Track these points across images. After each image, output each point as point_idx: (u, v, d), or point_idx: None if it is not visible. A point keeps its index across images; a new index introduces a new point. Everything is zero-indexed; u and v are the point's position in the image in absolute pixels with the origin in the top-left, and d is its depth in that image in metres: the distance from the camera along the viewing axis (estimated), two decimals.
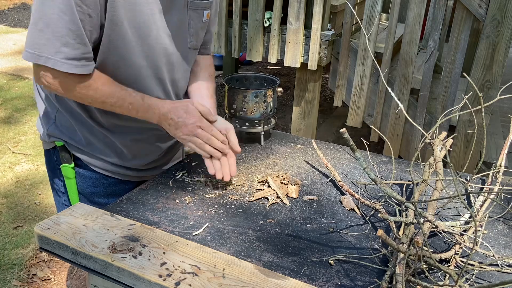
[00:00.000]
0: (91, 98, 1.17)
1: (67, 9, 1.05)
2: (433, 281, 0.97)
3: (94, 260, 0.98)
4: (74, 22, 1.07)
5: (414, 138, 2.81)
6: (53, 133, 1.31)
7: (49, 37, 1.06)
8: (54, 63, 1.08)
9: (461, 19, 2.50)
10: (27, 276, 2.35)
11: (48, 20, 1.05)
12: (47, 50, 1.08)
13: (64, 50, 1.08)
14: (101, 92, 1.17)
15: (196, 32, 1.34)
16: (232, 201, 1.26)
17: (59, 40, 1.07)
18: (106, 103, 1.19)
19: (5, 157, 3.47)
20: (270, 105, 1.57)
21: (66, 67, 1.09)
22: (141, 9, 1.16)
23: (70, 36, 1.07)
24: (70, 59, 1.09)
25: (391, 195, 1.06)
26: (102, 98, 1.18)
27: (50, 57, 1.08)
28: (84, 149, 1.31)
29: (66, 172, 1.34)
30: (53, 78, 1.12)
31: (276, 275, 0.96)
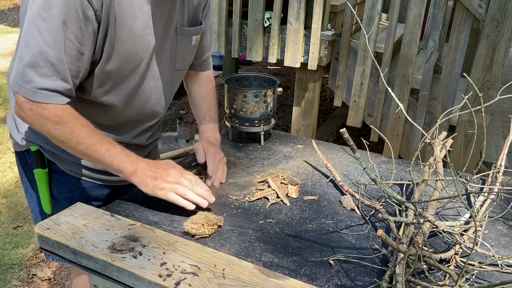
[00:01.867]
0: (65, 136, 1.12)
1: (53, 43, 1.04)
2: (433, 281, 0.97)
3: (94, 260, 0.98)
4: (58, 57, 1.06)
5: (414, 138, 2.81)
6: (28, 137, 1.28)
7: (26, 65, 1.05)
8: (25, 92, 1.06)
9: (461, 19, 2.50)
10: (27, 276, 2.35)
11: (29, 50, 1.05)
12: (22, 78, 1.06)
13: (37, 80, 1.06)
14: (78, 132, 1.12)
15: (183, 56, 1.36)
16: (232, 201, 1.26)
17: (35, 70, 1.05)
18: (82, 144, 1.12)
19: (5, 157, 3.47)
20: (270, 105, 1.57)
21: (38, 97, 1.07)
22: (137, 42, 1.17)
23: (48, 69, 1.06)
24: (42, 89, 1.07)
25: (391, 195, 1.06)
26: (77, 138, 1.12)
27: (23, 85, 1.06)
28: (60, 154, 1.29)
29: (39, 176, 1.32)
30: (29, 109, 1.09)
31: (276, 275, 0.96)
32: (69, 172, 1.32)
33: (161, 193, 1.15)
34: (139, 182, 1.16)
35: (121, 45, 1.14)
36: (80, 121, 1.13)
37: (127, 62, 1.18)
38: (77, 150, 1.14)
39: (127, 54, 1.17)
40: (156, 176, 1.16)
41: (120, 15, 1.11)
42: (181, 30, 1.31)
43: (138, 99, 1.29)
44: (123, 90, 1.24)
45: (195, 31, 1.35)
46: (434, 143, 1.33)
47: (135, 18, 1.14)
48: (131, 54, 1.18)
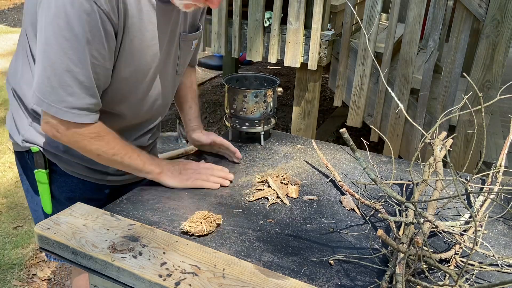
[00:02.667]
0: (102, 150, 1.19)
1: (80, 61, 1.06)
2: (433, 281, 0.97)
3: (94, 260, 0.98)
4: (85, 74, 1.08)
5: (414, 138, 2.81)
6: (29, 138, 1.29)
7: (55, 85, 1.07)
8: (56, 111, 1.09)
9: (461, 19, 2.50)
10: (27, 276, 2.35)
11: (56, 69, 1.06)
12: (50, 98, 1.08)
13: (68, 100, 1.09)
14: (113, 144, 1.20)
15: (184, 61, 1.40)
16: (232, 201, 1.26)
17: (64, 90, 1.07)
18: (118, 155, 1.21)
19: (5, 157, 3.47)
20: (270, 105, 1.57)
21: (69, 116, 1.10)
22: (146, 52, 1.19)
23: (77, 87, 1.08)
24: (73, 108, 1.10)
25: (391, 195, 1.06)
26: (113, 150, 1.20)
27: (53, 105, 1.08)
28: (61, 155, 1.30)
29: (40, 177, 1.32)
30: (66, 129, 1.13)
31: (276, 275, 0.96)
32: (70, 172, 1.33)
33: (189, 183, 1.31)
34: (168, 179, 1.30)
35: (132, 56, 1.16)
36: (112, 134, 1.21)
37: (137, 72, 1.21)
38: (112, 160, 1.22)
39: (137, 65, 1.19)
40: (180, 171, 1.32)
41: (132, 28, 1.12)
42: (184, 37, 1.33)
43: (144, 106, 1.31)
44: (131, 99, 1.26)
45: (195, 37, 1.38)
46: (434, 143, 1.33)
47: (144, 30, 1.15)
48: (141, 65, 1.20)
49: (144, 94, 1.27)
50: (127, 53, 1.15)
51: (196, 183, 1.31)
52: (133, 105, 1.28)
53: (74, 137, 1.15)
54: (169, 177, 1.30)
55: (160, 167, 1.29)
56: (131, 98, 1.26)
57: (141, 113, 1.32)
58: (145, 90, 1.27)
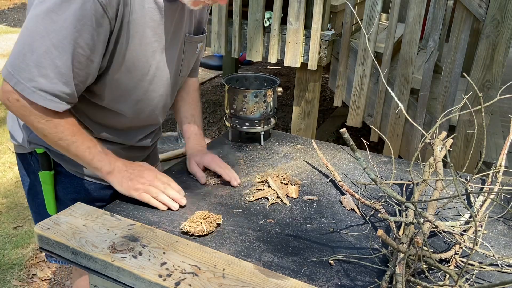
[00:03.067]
0: (48, 131, 1.13)
1: (61, 46, 1.03)
2: (433, 281, 0.97)
3: (94, 260, 0.98)
4: (64, 61, 1.05)
5: (414, 138, 2.81)
6: (34, 140, 1.28)
7: (29, 63, 1.04)
8: (23, 89, 1.06)
9: (461, 19, 2.50)
10: (27, 276, 2.35)
11: (35, 48, 1.03)
12: (22, 75, 1.05)
13: (39, 81, 1.05)
14: (62, 128, 1.13)
15: (188, 63, 1.40)
16: (232, 201, 1.26)
17: (38, 70, 1.05)
18: (64, 140, 1.14)
19: (5, 157, 3.47)
20: (270, 105, 1.57)
21: (35, 98, 1.06)
22: (145, 49, 1.18)
23: (52, 71, 1.05)
24: (41, 91, 1.06)
25: (391, 195, 1.06)
26: (60, 134, 1.13)
27: (22, 82, 1.05)
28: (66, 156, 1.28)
29: (45, 179, 1.31)
30: (16, 100, 1.08)
31: (276, 275, 0.96)
32: (74, 173, 1.33)
33: (135, 194, 1.19)
34: (115, 182, 1.20)
35: (132, 52, 1.16)
36: (66, 120, 1.14)
37: (136, 69, 1.20)
38: (58, 145, 1.16)
39: (136, 61, 1.18)
40: (131, 177, 1.20)
41: (133, 24, 1.12)
42: (189, 38, 1.33)
43: (147, 106, 1.31)
44: (132, 97, 1.25)
45: (200, 39, 1.38)
46: (434, 143, 1.33)
47: (146, 26, 1.15)
48: (140, 61, 1.19)
49: (145, 92, 1.27)
50: (127, 50, 1.14)
51: (143, 197, 1.19)
52: (135, 104, 1.28)
53: (23, 110, 1.10)
54: (117, 179, 1.20)
55: (112, 166, 1.20)
56: (132, 96, 1.25)
57: (143, 112, 1.32)
58: (146, 89, 1.26)
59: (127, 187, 1.19)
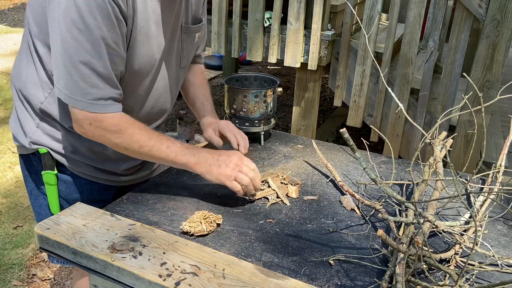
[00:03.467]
0: (126, 143, 1.17)
1: (96, 52, 1.07)
2: (433, 281, 0.97)
3: (94, 260, 0.98)
4: (103, 65, 1.09)
5: (414, 138, 2.81)
6: (36, 140, 1.28)
7: (76, 79, 1.08)
8: (83, 105, 1.10)
9: (461, 19, 2.50)
10: (27, 276, 2.35)
11: (74, 64, 1.07)
12: (75, 92, 1.09)
13: (92, 92, 1.10)
14: (138, 136, 1.17)
15: (188, 54, 1.40)
16: (232, 201, 1.26)
17: (86, 82, 1.09)
18: (144, 147, 1.17)
19: (5, 157, 3.47)
20: (270, 105, 1.57)
21: (95, 108, 1.11)
22: (151, 43, 1.19)
23: (97, 78, 1.09)
24: (98, 100, 1.11)
25: (391, 195, 1.06)
26: (140, 142, 1.17)
27: (79, 99, 1.10)
28: (69, 156, 1.30)
29: (48, 179, 1.31)
30: (89, 124, 1.13)
31: (276, 275, 0.96)
32: (78, 173, 1.33)
33: (227, 181, 1.18)
34: (203, 171, 1.19)
35: (140, 47, 1.17)
36: (136, 125, 1.18)
37: (145, 64, 1.21)
38: (140, 153, 1.19)
39: (144, 56, 1.19)
40: (219, 164, 1.19)
41: (138, 18, 1.13)
42: (186, 29, 1.33)
43: (150, 99, 1.31)
44: (139, 91, 1.26)
45: (197, 29, 1.38)
46: (434, 143, 1.33)
47: (149, 20, 1.16)
48: (148, 56, 1.20)
49: (150, 86, 1.27)
50: (135, 44, 1.16)
51: (234, 185, 1.18)
52: (140, 99, 1.28)
53: (98, 132, 1.15)
54: (206, 168, 1.19)
55: (197, 157, 1.19)
56: (138, 91, 1.26)
57: (147, 107, 1.32)
58: (151, 83, 1.27)
59: (217, 174, 1.18)
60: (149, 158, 1.22)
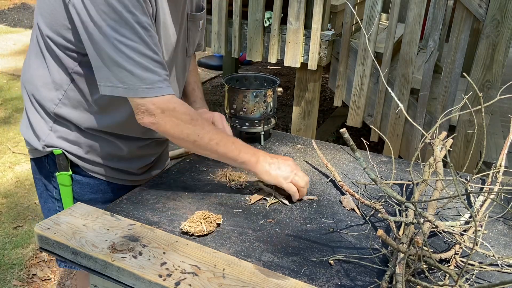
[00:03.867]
0: (197, 134, 1.16)
1: (137, 36, 1.06)
2: (433, 281, 0.97)
3: (94, 260, 0.98)
4: (148, 47, 1.08)
5: (414, 138, 2.81)
6: (50, 142, 1.28)
7: (128, 67, 1.07)
8: (143, 92, 1.09)
9: (461, 19, 2.50)
10: (27, 276, 2.35)
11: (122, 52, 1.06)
12: (132, 81, 1.08)
13: (147, 76, 1.09)
14: (208, 128, 1.17)
15: (194, 42, 1.40)
16: (232, 201, 1.26)
17: (139, 68, 1.07)
18: (213, 140, 1.17)
19: (5, 157, 3.47)
20: (270, 105, 1.57)
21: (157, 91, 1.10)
22: (168, 32, 1.20)
23: (148, 62, 1.08)
24: (155, 83, 1.10)
25: (391, 195, 1.06)
26: (209, 135, 1.17)
27: (137, 86, 1.09)
28: (83, 156, 1.29)
29: (63, 180, 1.31)
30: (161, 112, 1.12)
31: (276, 275, 0.96)
32: (92, 174, 1.32)
33: (284, 182, 1.23)
34: (262, 171, 1.23)
35: (160, 35, 1.17)
36: (203, 118, 1.18)
37: (165, 52, 1.21)
38: (208, 146, 1.19)
39: (164, 45, 1.20)
40: (278, 166, 1.24)
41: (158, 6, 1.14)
42: (191, 17, 1.34)
43: None
44: None
45: (201, 16, 1.39)
46: (434, 143, 1.33)
47: (163, 10, 1.17)
48: (167, 45, 1.21)
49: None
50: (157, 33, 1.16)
51: (290, 187, 1.23)
52: None
53: (172, 121, 1.13)
54: (265, 169, 1.22)
55: (256, 157, 1.22)
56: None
57: None
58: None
59: (275, 175, 1.22)
60: (213, 153, 1.21)
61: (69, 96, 1.21)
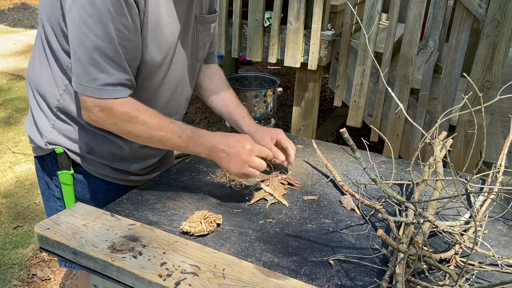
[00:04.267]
0: (138, 131, 1.16)
1: (106, 36, 1.06)
2: (433, 281, 0.97)
3: (94, 260, 0.98)
4: (113, 49, 1.08)
5: (414, 138, 2.81)
6: (53, 140, 1.28)
7: (86, 64, 1.08)
8: (92, 91, 1.10)
9: (461, 19, 2.50)
10: (27, 276, 2.35)
11: (85, 48, 1.07)
12: (85, 78, 1.09)
13: (101, 77, 1.09)
14: (149, 124, 1.16)
15: (204, 45, 1.38)
16: (232, 201, 1.26)
17: (95, 67, 1.08)
18: (154, 137, 1.17)
19: (5, 157, 3.47)
20: (270, 105, 1.57)
21: (103, 93, 1.10)
22: (163, 30, 1.19)
23: (106, 63, 1.09)
24: (106, 85, 1.10)
25: (391, 195, 1.06)
26: (149, 131, 1.17)
27: (88, 85, 1.09)
28: (85, 155, 1.30)
29: (64, 179, 1.31)
30: (100, 111, 1.13)
31: (276, 275, 0.96)
32: (94, 173, 1.33)
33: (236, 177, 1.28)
34: (216, 161, 1.22)
35: (151, 33, 1.16)
36: (148, 113, 1.17)
37: (158, 52, 1.20)
38: (152, 141, 1.19)
39: (156, 43, 1.18)
40: (229, 159, 1.19)
41: (148, 3, 1.12)
42: (201, 19, 1.32)
43: (166, 91, 1.30)
44: (153, 82, 1.25)
45: (213, 19, 1.37)
46: (434, 143, 1.33)
47: (160, 6, 1.15)
48: (160, 44, 1.19)
49: (164, 77, 1.26)
50: (147, 30, 1.15)
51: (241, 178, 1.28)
52: (155, 91, 1.27)
53: (109, 119, 1.15)
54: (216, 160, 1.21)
55: (208, 148, 1.20)
56: (152, 82, 1.25)
57: (162, 99, 1.30)
58: (165, 73, 1.26)
59: (226, 168, 1.21)
60: (162, 146, 1.22)
61: (70, 91, 1.22)
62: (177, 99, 1.35)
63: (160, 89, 1.28)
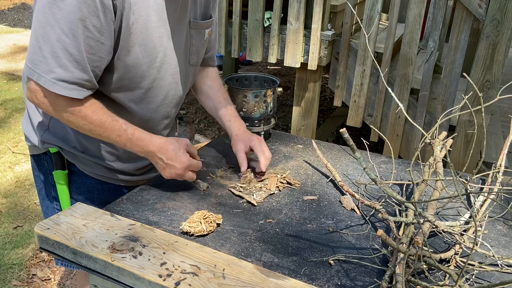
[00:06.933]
0: (78, 123, 1.16)
1: (71, 32, 1.05)
2: (433, 281, 0.97)
3: (94, 260, 0.98)
4: (76, 47, 1.06)
5: (414, 138, 2.81)
6: (47, 139, 1.29)
7: (45, 55, 1.06)
8: (44, 82, 1.08)
9: (461, 19, 2.50)
10: (27, 276, 2.35)
11: (48, 39, 1.05)
12: (41, 68, 1.07)
13: (57, 71, 1.07)
14: (90, 119, 1.15)
15: (197, 50, 1.37)
16: (232, 201, 1.26)
17: (55, 60, 1.06)
18: (94, 131, 1.17)
19: (5, 157, 3.47)
20: (270, 105, 1.57)
21: (56, 88, 1.08)
22: (151, 33, 1.17)
23: (67, 59, 1.07)
24: (61, 81, 1.08)
25: (391, 195, 1.06)
26: (90, 126, 1.16)
27: (43, 75, 1.07)
28: (79, 155, 1.30)
29: (59, 178, 1.32)
30: (44, 96, 1.11)
31: (276, 275, 0.96)
32: (88, 173, 1.33)
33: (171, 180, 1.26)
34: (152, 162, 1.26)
35: (138, 36, 1.15)
36: (92, 108, 1.16)
37: (144, 55, 1.19)
38: (93, 135, 1.20)
39: (143, 47, 1.17)
40: (164, 167, 1.24)
41: (136, 6, 1.11)
42: (195, 24, 1.31)
43: (157, 96, 1.29)
44: (142, 86, 1.24)
45: (207, 24, 1.36)
46: (434, 143, 1.33)
47: (150, 10, 1.15)
48: (147, 47, 1.18)
49: (154, 81, 1.25)
50: (132, 32, 1.14)
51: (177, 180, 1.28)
52: (144, 94, 1.26)
53: (52, 106, 1.13)
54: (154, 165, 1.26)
55: (145, 152, 1.23)
56: (141, 86, 1.24)
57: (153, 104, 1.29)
58: (155, 77, 1.25)
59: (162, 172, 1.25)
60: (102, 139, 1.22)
61: None
62: (168, 104, 1.35)
63: (150, 93, 1.27)
